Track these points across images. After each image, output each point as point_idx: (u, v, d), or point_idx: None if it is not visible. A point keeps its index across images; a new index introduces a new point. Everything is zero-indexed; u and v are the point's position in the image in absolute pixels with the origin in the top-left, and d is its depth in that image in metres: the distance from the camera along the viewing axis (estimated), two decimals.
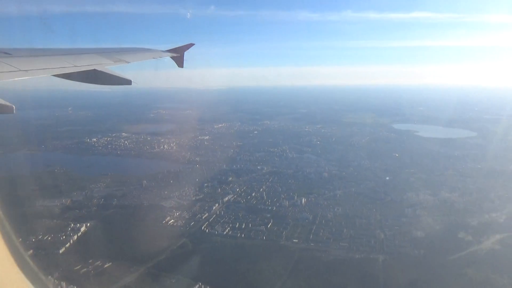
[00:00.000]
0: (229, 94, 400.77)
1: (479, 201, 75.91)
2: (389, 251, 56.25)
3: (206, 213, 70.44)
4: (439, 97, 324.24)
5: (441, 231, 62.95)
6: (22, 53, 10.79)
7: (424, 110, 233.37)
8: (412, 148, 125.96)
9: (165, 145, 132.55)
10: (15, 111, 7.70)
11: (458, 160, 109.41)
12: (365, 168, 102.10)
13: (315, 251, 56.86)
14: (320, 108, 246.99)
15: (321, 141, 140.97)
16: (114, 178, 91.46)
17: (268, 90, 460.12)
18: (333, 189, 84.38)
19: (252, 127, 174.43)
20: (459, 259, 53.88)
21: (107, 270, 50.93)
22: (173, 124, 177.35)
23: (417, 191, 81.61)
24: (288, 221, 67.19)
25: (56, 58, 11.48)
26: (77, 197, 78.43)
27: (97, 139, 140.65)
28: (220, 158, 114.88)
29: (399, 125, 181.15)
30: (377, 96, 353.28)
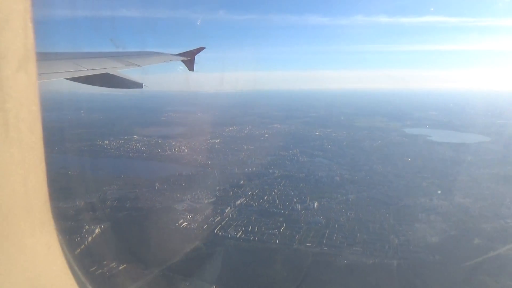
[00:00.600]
0: (240, 97, 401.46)
1: (494, 207, 74.90)
2: (403, 256, 55.74)
3: (219, 216, 70.69)
4: (450, 102, 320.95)
5: (456, 237, 62.25)
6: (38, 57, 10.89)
7: (436, 114, 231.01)
8: (425, 153, 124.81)
9: (176, 148, 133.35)
10: None
11: (471, 165, 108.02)
12: (377, 173, 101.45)
13: (329, 255, 56.59)
14: (331, 112, 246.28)
15: (332, 145, 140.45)
16: (127, 181, 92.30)
17: (279, 94, 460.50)
18: (345, 193, 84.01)
19: (263, 130, 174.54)
20: (475, 265, 53.06)
21: (122, 272, 51.31)
22: (184, 127, 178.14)
23: (430, 196, 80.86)
24: (300, 225, 67.05)
25: (69, 61, 11.63)
26: (91, 199, 79.22)
27: (109, 142, 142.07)
28: (231, 161, 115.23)
29: (411, 129, 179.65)
30: (388, 100, 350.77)
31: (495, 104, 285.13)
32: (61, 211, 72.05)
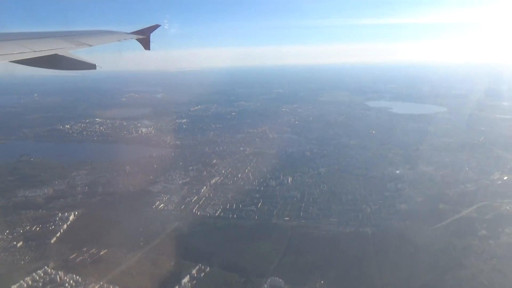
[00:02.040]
0: (203, 75, 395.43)
1: (455, 173, 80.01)
2: (376, 224, 58.75)
3: (195, 196, 70.72)
4: (408, 74, 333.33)
5: (423, 203, 66.11)
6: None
7: (396, 87, 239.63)
8: (387, 125, 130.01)
9: (143, 130, 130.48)
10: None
11: (431, 135, 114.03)
12: (344, 146, 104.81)
13: (307, 227, 58.58)
14: (295, 88, 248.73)
15: (299, 120, 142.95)
16: (95, 165, 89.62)
17: (242, 71, 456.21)
18: (316, 167, 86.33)
19: (229, 108, 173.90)
20: (441, 228, 57.08)
21: (104, 257, 50.72)
22: (147, 108, 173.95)
23: (396, 166, 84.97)
24: (277, 200, 68.56)
25: (13, 43, 10.91)
26: (59, 186, 76.56)
27: (71, 126, 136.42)
28: (201, 140, 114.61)
29: (373, 102, 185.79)
30: (349, 75, 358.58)
31: (449, 76, 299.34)
32: (29, 200, 69.63)
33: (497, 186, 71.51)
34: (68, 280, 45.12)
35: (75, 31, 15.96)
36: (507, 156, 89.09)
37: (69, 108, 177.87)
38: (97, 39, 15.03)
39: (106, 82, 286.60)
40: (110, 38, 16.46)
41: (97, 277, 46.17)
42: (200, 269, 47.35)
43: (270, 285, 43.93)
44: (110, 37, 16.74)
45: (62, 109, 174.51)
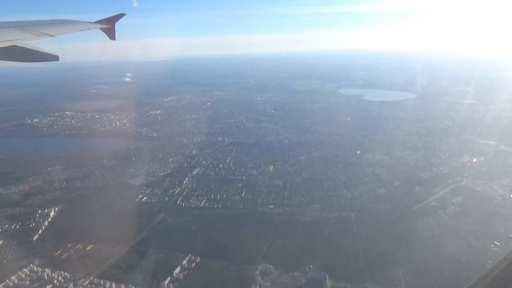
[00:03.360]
0: (171, 65, 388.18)
1: (428, 157, 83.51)
2: (358, 208, 60.78)
3: (178, 188, 70.47)
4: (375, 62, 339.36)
5: (400, 187, 68.80)
6: None
7: (366, 74, 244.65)
8: (361, 112, 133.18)
9: (117, 122, 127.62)
10: None
11: (403, 121, 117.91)
12: (322, 133, 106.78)
13: (292, 214, 59.78)
14: (268, 77, 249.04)
15: (275, 109, 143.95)
16: (70, 160, 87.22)
17: (211, 60, 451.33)
18: (296, 155, 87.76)
19: (203, 98, 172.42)
20: (419, 209, 59.67)
21: (91, 252, 50.13)
22: (119, 99, 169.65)
23: (373, 152, 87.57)
24: (260, 189, 69.42)
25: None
26: (35, 182, 74.20)
27: (39, 120, 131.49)
28: (178, 132, 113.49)
29: (345, 90, 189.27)
30: (319, 62, 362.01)
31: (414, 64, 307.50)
32: (5, 198, 67.35)
33: (468, 168, 75.34)
34: (57, 277, 44.39)
35: (35, 20, 15.40)
36: (474, 140, 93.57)
37: (35, 101, 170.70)
38: (59, 29, 14.61)
39: (71, 73, 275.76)
40: (73, 27, 16.04)
41: (86, 272, 45.72)
42: (190, 260, 47.71)
43: (261, 271, 44.89)
44: (73, 26, 16.31)
45: (27, 102, 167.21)
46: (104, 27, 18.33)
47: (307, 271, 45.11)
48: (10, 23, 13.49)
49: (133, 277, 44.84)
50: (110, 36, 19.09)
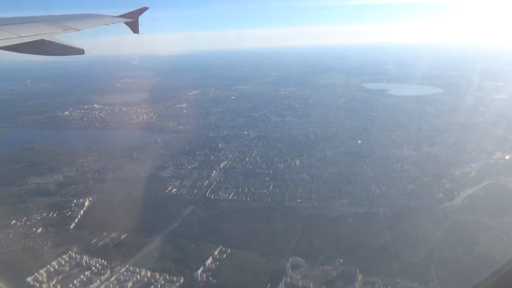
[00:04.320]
0: (195, 59, 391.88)
1: (458, 154, 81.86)
2: (387, 204, 60.42)
3: (206, 180, 71.63)
4: (400, 55, 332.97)
5: (430, 183, 67.79)
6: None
7: (390, 68, 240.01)
8: (387, 107, 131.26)
9: (144, 115, 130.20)
10: None
11: (431, 116, 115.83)
12: (347, 128, 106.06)
13: (320, 209, 60.05)
14: (290, 71, 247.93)
15: (299, 103, 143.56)
16: (101, 151, 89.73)
17: (232, 54, 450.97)
18: (322, 150, 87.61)
19: (227, 92, 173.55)
20: (450, 206, 58.92)
21: (125, 241, 51.85)
22: (145, 93, 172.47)
23: (401, 147, 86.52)
24: (287, 183, 69.81)
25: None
26: (69, 172, 76.78)
27: (70, 113, 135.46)
28: (204, 125, 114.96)
29: (370, 84, 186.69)
30: (341, 56, 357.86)
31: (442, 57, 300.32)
32: (41, 187, 70.03)
33: (501, 165, 73.57)
34: (94, 264, 46.22)
35: (61, 15, 15.76)
36: (506, 136, 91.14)
37: (64, 94, 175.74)
38: (84, 23, 14.87)
39: (97, 67, 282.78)
40: (97, 22, 16.27)
41: (121, 260, 47.40)
42: (221, 251, 48.71)
43: (292, 264, 45.44)
44: (98, 21, 16.54)
45: (57, 95, 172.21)
46: (127, 21, 18.66)
47: (337, 265, 45.40)
48: (38, 18, 13.83)
49: (167, 266, 46.18)
50: (133, 30, 19.40)
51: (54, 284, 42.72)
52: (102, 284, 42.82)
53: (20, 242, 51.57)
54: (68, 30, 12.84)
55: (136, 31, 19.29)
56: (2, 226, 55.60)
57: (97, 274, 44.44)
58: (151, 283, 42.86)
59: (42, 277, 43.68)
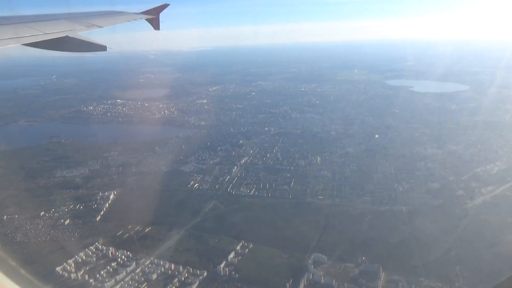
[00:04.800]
0: (214, 54, 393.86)
1: (484, 152, 79.84)
2: (410, 202, 59.56)
3: (228, 176, 72.20)
4: (423, 51, 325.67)
5: (454, 182, 66.46)
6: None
7: (414, 65, 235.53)
8: (410, 104, 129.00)
9: (165, 111, 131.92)
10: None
11: (456, 114, 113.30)
12: (369, 125, 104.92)
13: (341, 206, 59.74)
14: (310, 67, 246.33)
15: (320, 100, 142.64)
16: (125, 146, 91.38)
17: (252, 49, 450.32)
18: (343, 147, 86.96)
19: (247, 88, 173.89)
20: (475, 206, 57.67)
21: (149, 234, 52.89)
22: (166, 88, 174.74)
23: (424, 145, 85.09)
24: (308, 180, 69.66)
25: (24, 26, 10.88)
26: (94, 166, 78.62)
27: (94, 107, 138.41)
28: (224, 121, 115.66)
29: (392, 81, 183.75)
30: (361, 52, 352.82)
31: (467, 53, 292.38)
32: (68, 180, 72.01)
33: None
34: (120, 255, 47.35)
35: (84, 12, 16.09)
36: None
37: (88, 89, 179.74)
38: (106, 20, 15.22)
39: (120, 63, 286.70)
40: (119, 18, 16.61)
41: (146, 252, 48.44)
42: (243, 246, 49.10)
43: (314, 260, 45.48)
44: (120, 17, 16.90)
45: (82, 90, 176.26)
46: (149, 17, 19.08)
47: (359, 262, 45.11)
48: (62, 15, 14.20)
49: (190, 260, 46.89)
50: (154, 26, 19.77)
51: (82, 274, 44.06)
52: (128, 276, 43.85)
53: (49, 232, 53.27)
54: (91, 27, 13.24)
55: (157, 28, 19.71)
56: (32, 217, 57.53)
57: (123, 266, 45.55)
58: (175, 275, 43.63)
59: (71, 267, 45.09)
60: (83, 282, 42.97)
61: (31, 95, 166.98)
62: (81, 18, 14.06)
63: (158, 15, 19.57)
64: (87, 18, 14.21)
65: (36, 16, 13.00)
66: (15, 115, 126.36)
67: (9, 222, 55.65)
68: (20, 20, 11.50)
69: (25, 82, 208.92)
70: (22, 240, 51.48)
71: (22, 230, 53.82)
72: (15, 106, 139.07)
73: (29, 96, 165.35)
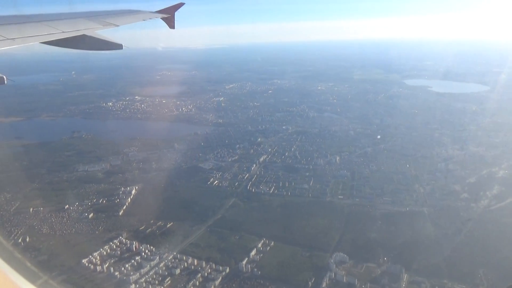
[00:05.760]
0: (229, 52, 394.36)
1: (506, 154, 78.62)
2: (432, 203, 59.01)
3: (247, 174, 72.61)
4: (442, 51, 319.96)
5: (476, 184, 65.61)
6: (6, 21, 10.61)
7: (432, 64, 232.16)
8: (429, 104, 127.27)
9: (183, 108, 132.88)
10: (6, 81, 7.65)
11: (477, 115, 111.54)
12: (388, 125, 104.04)
13: (362, 206, 59.60)
14: (327, 65, 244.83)
15: (338, 99, 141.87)
16: (144, 142, 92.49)
17: (265, 47, 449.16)
18: (362, 147, 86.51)
19: (264, 86, 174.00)
20: (498, 209, 56.89)
21: (171, 229, 53.64)
22: (183, 85, 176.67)
23: (445, 146, 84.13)
24: (328, 179, 69.58)
25: (42, 24, 11.14)
26: (115, 161, 79.88)
27: (113, 104, 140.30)
28: (242, 119, 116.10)
29: (410, 80, 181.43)
30: (378, 51, 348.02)
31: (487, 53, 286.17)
32: (90, 175, 73.38)
33: None
34: (143, 250, 48.19)
35: (100, 11, 16.33)
36: None
37: (106, 85, 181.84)
38: (123, 19, 15.44)
39: (136, 60, 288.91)
40: (135, 17, 16.84)
41: (169, 247, 49.20)
42: (265, 243, 49.44)
43: (336, 260, 45.54)
44: (135, 16, 17.12)
45: (100, 86, 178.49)
46: (164, 16, 19.24)
47: (381, 263, 45.00)
48: (79, 14, 14.54)
49: (212, 256, 47.44)
50: (169, 25, 19.86)
51: (107, 266, 45.04)
52: (151, 270, 44.62)
53: (73, 225, 54.49)
54: (108, 25, 13.48)
55: (172, 26, 19.83)
56: (57, 210, 58.94)
57: (147, 260, 46.38)
58: (198, 271, 44.23)
59: (96, 260, 46.11)
60: (109, 274, 43.94)
61: (51, 91, 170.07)
62: (98, 17, 14.36)
63: (174, 14, 19.76)
64: (104, 17, 14.52)
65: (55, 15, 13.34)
66: (38, 109, 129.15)
67: (35, 215, 57.02)
68: (40, 19, 11.79)
69: (45, 78, 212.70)
70: (49, 232, 52.83)
71: (47, 222, 55.21)
72: (37, 101, 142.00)
73: (49, 91, 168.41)
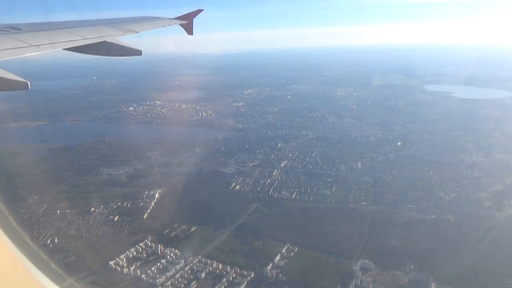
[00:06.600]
0: (246, 58, 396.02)
1: None
2: (458, 211, 57.94)
3: (268, 179, 72.72)
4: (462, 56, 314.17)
5: (504, 192, 64.11)
6: (31, 28, 10.84)
7: (453, 69, 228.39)
8: (452, 110, 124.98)
9: (203, 113, 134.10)
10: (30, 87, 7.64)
11: (501, 122, 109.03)
12: (410, 131, 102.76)
13: (385, 213, 58.96)
14: (345, 71, 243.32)
15: (357, 105, 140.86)
16: (166, 146, 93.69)
17: (282, 53, 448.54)
18: (384, 153, 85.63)
19: (282, 92, 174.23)
20: None
21: (195, 233, 54.12)
22: (202, 91, 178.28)
23: (470, 153, 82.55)
24: (350, 185, 69.09)
25: (65, 31, 11.43)
26: (138, 165, 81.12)
27: (134, 108, 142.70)
28: (261, 124, 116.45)
29: (431, 86, 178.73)
30: (397, 57, 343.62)
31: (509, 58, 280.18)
32: (114, 178, 74.66)
33: None
34: (169, 253, 48.74)
35: (120, 18, 16.55)
36: None
37: (127, 90, 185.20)
38: (142, 26, 15.64)
39: (156, 65, 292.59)
40: (154, 24, 17.06)
41: (193, 251, 49.62)
42: (289, 249, 49.38)
43: (361, 266, 45.15)
44: (155, 23, 17.34)
45: (121, 91, 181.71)
46: (183, 23, 19.40)
47: (408, 271, 44.41)
48: (100, 21, 14.75)
49: (236, 260, 47.64)
50: (188, 31, 20.02)
51: (133, 269, 45.72)
52: (177, 273, 45.06)
53: (100, 228, 55.53)
54: (128, 32, 13.74)
55: (190, 33, 20.01)
56: (83, 212, 60.24)
57: (172, 263, 46.85)
58: (223, 275, 44.45)
59: (123, 262, 46.89)
60: (136, 277, 44.59)
61: (74, 96, 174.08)
62: (118, 23, 14.62)
63: (192, 20, 19.94)
64: (124, 24, 14.77)
65: (77, 22, 13.66)
66: (62, 114, 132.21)
67: (62, 217, 58.37)
68: (62, 26, 12.12)
69: (68, 83, 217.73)
70: (76, 234, 53.96)
71: (74, 224, 56.47)
72: (61, 106, 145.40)
73: (72, 96, 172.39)
